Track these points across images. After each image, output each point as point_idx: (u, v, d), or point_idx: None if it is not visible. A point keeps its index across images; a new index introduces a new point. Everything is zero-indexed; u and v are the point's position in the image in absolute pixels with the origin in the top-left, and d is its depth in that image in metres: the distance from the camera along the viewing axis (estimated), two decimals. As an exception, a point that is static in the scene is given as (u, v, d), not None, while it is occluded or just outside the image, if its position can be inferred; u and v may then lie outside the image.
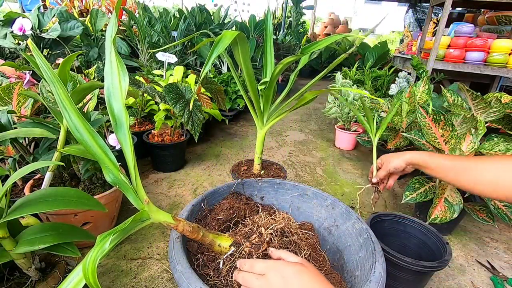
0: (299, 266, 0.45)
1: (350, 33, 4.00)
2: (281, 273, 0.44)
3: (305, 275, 0.43)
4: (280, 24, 4.48)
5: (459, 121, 1.10)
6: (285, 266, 0.45)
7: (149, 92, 1.28)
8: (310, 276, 0.43)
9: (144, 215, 0.37)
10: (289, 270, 0.44)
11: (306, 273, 0.43)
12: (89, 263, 0.32)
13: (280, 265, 0.45)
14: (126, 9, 2.41)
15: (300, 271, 0.44)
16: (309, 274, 0.44)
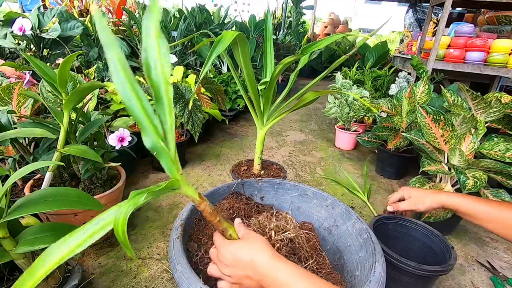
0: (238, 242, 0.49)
1: (350, 33, 4.00)
2: (223, 254, 0.48)
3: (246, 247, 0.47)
4: (280, 24, 4.47)
5: (459, 121, 1.10)
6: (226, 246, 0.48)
7: (149, 92, 1.27)
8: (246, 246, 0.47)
9: (176, 184, 0.38)
10: (231, 248, 0.48)
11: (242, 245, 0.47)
12: (121, 213, 0.33)
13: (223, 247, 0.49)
14: (126, 9, 2.41)
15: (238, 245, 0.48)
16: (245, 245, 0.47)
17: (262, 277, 0.44)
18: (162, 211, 1.20)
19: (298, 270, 0.43)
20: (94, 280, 0.86)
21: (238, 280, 0.47)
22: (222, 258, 0.48)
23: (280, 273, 0.43)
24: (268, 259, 0.45)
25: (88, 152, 0.78)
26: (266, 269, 0.44)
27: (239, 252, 0.46)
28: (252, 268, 0.45)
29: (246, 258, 0.46)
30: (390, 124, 1.58)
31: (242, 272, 0.46)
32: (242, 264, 0.46)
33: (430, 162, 1.16)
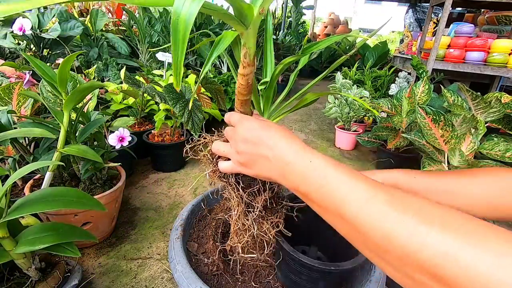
0: (267, 121, 0.41)
1: (350, 33, 4.00)
2: (247, 125, 0.40)
3: (273, 128, 0.39)
4: (280, 24, 4.47)
5: (459, 121, 1.10)
6: (251, 119, 0.41)
7: (149, 92, 1.28)
8: (279, 130, 0.39)
9: (249, 18, 0.33)
10: (256, 124, 0.40)
11: (274, 127, 0.40)
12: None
13: (247, 120, 0.41)
14: (126, 9, 2.41)
15: (268, 125, 0.40)
16: (277, 127, 0.40)
17: (287, 164, 0.36)
18: (162, 211, 1.20)
19: (333, 160, 0.36)
20: (94, 280, 0.86)
21: (250, 159, 0.40)
22: (242, 131, 0.40)
23: (315, 158, 0.36)
24: (300, 146, 0.37)
25: (88, 152, 0.78)
26: (297, 154, 0.36)
27: (267, 131, 0.39)
28: (278, 152, 0.37)
29: (273, 140, 0.38)
30: (390, 124, 1.58)
31: (261, 151, 0.38)
32: (267, 144, 0.38)
33: (431, 162, 1.16)
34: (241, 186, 0.46)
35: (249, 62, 0.39)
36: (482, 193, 0.47)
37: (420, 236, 0.24)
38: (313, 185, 0.34)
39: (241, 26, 0.33)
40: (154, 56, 2.31)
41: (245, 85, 0.41)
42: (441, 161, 1.14)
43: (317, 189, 0.34)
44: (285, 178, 0.37)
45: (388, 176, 0.58)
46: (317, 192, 0.34)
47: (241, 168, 0.41)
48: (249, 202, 0.46)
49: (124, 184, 1.02)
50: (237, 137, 0.41)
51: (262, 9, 0.33)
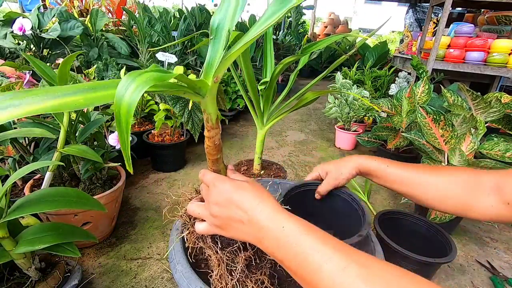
0: (241, 182, 0.41)
1: (350, 33, 4.00)
2: (219, 189, 0.40)
3: (246, 190, 0.39)
4: (280, 24, 4.47)
5: (459, 121, 1.10)
6: (224, 181, 0.40)
7: (149, 93, 1.28)
8: (252, 191, 0.39)
9: (204, 89, 0.34)
10: (228, 186, 0.40)
11: (248, 188, 0.39)
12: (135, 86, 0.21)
13: (219, 181, 0.41)
14: (126, 9, 2.41)
15: (241, 186, 0.39)
16: (249, 187, 0.39)
17: (261, 229, 0.36)
18: (162, 211, 1.20)
19: (307, 224, 0.35)
20: (94, 280, 0.86)
21: (224, 222, 0.40)
22: (215, 194, 0.40)
23: (288, 224, 0.35)
24: (275, 209, 0.37)
25: (88, 152, 0.78)
26: (271, 219, 0.36)
27: (240, 193, 0.38)
28: (252, 215, 0.37)
29: (247, 202, 0.37)
30: (390, 124, 1.58)
31: (235, 214, 0.38)
32: (240, 207, 0.38)
33: (430, 162, 1.16)
34: (219, 247, 0.44)
35: (212, 126, 0.39)
36: (450, 188, 0.51)
37: None
38: (288, 253, 0.34)
39: (197, 97, 0.34)
40: (154, 56, 2.31)
41: (212, 146, 0.41)
42: (441, 160, 1.14)
43: (292, 257, 0.33)
44: (260, 243, 0.37)
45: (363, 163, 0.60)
46: (291, 260, 0.33)
47: (217, 230, 0.41)
48: (229, 262, 0.44)
49: (124, 184, 1.02)
50: (210, 199, 0.40)
51: (216, 78, 0.34)
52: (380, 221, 0.91)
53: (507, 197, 0.46)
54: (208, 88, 0.34)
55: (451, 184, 0.51)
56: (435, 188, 0.52)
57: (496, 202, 0.47)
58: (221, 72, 0.34)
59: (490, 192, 0.48)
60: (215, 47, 0.35)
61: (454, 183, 0.51)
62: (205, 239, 0.46)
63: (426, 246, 0.92)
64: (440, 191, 0.52)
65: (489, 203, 0.48)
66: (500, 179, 0.48)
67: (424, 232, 0.94)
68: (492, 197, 0.48)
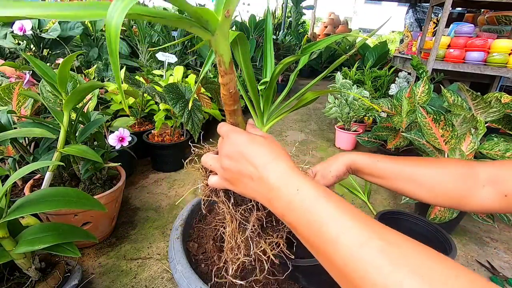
0: (257, 136, 0.38)
1: (350, 33, 4.00)
2: (232, 141, 0.38)
3: (260, 144, 0.37)
4: (280, 24, 4.47)
5: (459, 121, 1.10)
6: (239, 133, 0.38)
7: (149, 92, 1.28)
8: (266, 146, 0.36)
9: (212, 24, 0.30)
10: (242, 138, 0.37)
11: (262, 143, 0.37)
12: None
13: (234, 133, 0.38)
14: (126, 9, 2.41)
15: (255, 140, 0.37)
16: (265, 142, 0.37)
17: (272, 188, 0.33)
18: (162, 211, 1.20)
19: (325, 190, 0.32)
20: (94, 280, 0.86)
21: (234, 176, 0.37)
22: (227, 146, 0.38)
23: (304, 186, 0.32)
24: (290, 169, 0.34)
25: (88, 152, 0.78)
26: (284, 179, 0.33)
27: (254, 148, 0.36)
28: (263, 172, 0.34)
29: (260, 158, 0.35)
30: (390, 124, 1.58)
31: (246, 169, 0.35)
32: (252, 162, 0.35)
33: (430, 162, 1.16)
34: (232, 203, 0.43)
35: (225, 70, 0.35)
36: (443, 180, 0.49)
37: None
38: (300, 219, 0.31)
39: (205, 33, 0.30)
40: (154, 56, 2.31)
41: (227, 94, 0.38)
42: (441, 161, 1.14)
43: (305, 224, 0.30)
44: (270, 204, 0.34)
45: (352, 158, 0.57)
46: (304, 227, 0.30)
47: (227, 184, 0.39)
48: (242, 220, 0.43)
49: (124, 184, 1.02)
50: (222, 151, 0.39)
51: (227, 12, 0.30)
52: (380, 221, 0.91)
53: (504, 189, 0.44)
54: (218, 23, 0.30)
55: (443, 176, 0.49)
56: (426, 181, 0.50)
57: (493, 194, 0.46)
58: (233, 4, 0.30)
59: (485, 184, 0.46)
60: None
61: (446, 175, 0.49)
62: (218, 193, 0.44)
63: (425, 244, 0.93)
64: (431, 185, 0.50)
65: (485, 195, 0.46)
66: (496, 171, 0.46)
67: (424, 232, 0.94)
68: (488, 189, 0.46)
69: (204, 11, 0.27)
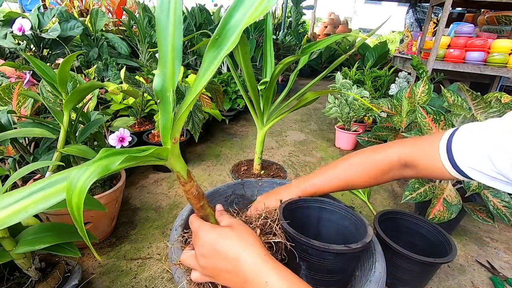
0: (224, 229, 0.41)
1: (350, 33, 4.00)
2: (202, 240, 0.40)
3: (231, 238, 0.39)
4: (280, 24, 4.47)
5: (459, 121, 1.10)
6: (207, 231, 0.41)
7: (149, 92, 1.28)
8: (237, 239, 0.39)
9: (164, 154, 0.34)
10: (212, 235, 0.40)
11: (233, 236, 0.40)
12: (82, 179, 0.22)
13: (203, 231, 0.41)
14: (126, 9, 2.41)
15: (225, 234, 0.40)
16: (233, 234, 0.40)
17: (246, 279, 0.36)
18: (162, 211, 1.20)
19: (293, 278, 0.35)
20: (94, 280, 0.86)
21: (212, 273, 0.40)
22: (200, 245, 0.40)
23: (272, 278, 0.35)
24: (259, 259, 0.37)
25: (88, 152, 0.78)
26: (254, 271, 0.36)
27: (223, 243, 0.38)
28: (236, 265, 0.37)
29: (231, 251, 0.37)
30: (390, 124, 1.58)
31: (220, 265, 0.38)
32: (224, 257, 0.38)
33: (430, 162, 1.16)
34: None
35: (184, 181, 0.41)
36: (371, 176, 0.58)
37: None
38: None
39: (162, 161, 0.36)
40: (154, 56, 2.31)
41: (191, 197, 0.42)
42: (441, 161, 1.14)
43: None
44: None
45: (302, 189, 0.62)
46: None
47: (209, 279, 0.42)
48: None
49: (124, 184, 1.02)
50: (197, 250, 0.41)
51: (174, 139, 0.36)
52: (380, 221, 0.91)
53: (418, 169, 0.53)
54: (168, 151, 0.36)
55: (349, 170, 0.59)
56: (338, 179, 0.60)
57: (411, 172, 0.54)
58: (177, 132, 0.36)
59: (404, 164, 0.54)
60: (165, 111, 0.35)
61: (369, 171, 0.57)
62: (205, 285, 0.46)
63: (426, 246, 0.92)
64: (344, 179, 0.59)
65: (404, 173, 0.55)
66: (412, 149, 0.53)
67: (424, 232, 0.94)
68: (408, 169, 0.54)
69: (157, 150, 0.33)
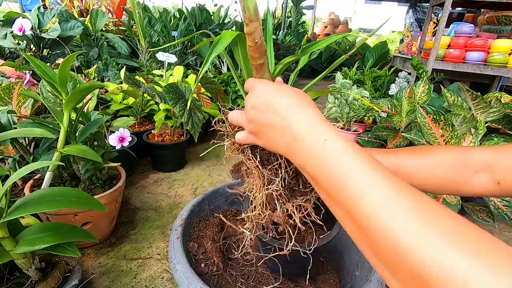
0: (286, 88, 0.36)
1: (350, 33, 3.99)
2: (258, 92, 0.36)
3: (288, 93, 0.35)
4: (280, 24, 4.47)
5: (459, 121, 1.10)
6: (267, 84, 0.37)
7: (149, 92, 1.28)
8: (294, 96, 0.34)
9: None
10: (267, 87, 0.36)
11: (290, 92, 0.35)
12: None
13: (261, 83, 0.37)
14: (126, 9, 2.41)
15: (283, 89, 0.35)
16: (293, 93, 0.35)
17: (296, 139, 0.31)
18: (162, 211, 1.20)
19: (354, 143, 0.30)
20: (94, 280, 0.86)
21: (258, 128, 0.36)
22: (253, 97, 0.36)
23: (331, 138, 0.30)
24: (318, 118, 0.32)
25: (88, 152, 0.78)
26: (309, 129, 0.31)
27: (279, 98, 0.34)
28: (287, 122, 0.32)
29: (286, 108, 0.33)
30: (390, 124, 1.58)
31: (269, 120, 0.34)
32: (276, 111, 0.33)
33: (430, 162, 1.16)
34: (258, 161, 0.41)
35: (250, 17, 0.31)
36: (434, 170, 0.48)
37: (448, 263, 0.19)
38: (323, 169, 0.29)
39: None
40: (154, 56, 2.31)
41: (253, 46, 0.34)
42: (441, 161, 1.14)
43: (328, 175, 0.28)
44: (292, 154, 0.33)
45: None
46: (327, 178, 0.28)
47: (253, 138, 0.38)
48: (269, 177, 0.42)
49: (124, 184, 1.02)
50: (248, 103, 0.37)
51: None
52: None
53: (497, 176, 0.43)
54: None
55: (435, 167, 0.48)
56: (418, 173, 0.49)
57: (486, 181, 0.44)
58: None
59: (479, 170, 0.45)
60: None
61: (438, 166, 0.48)
62: (245, 150, 0.43)
63: None
64: (423, 176, 0.48)
65: (478, 182, 0.45)
66: (490, 157, 0.45)
67: None
68: (482, 175, 0.45)
69: None
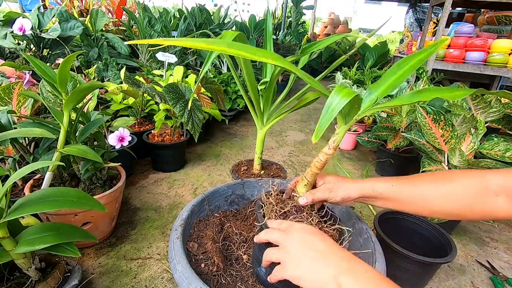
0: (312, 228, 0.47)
1: (350, 33, 3.99)
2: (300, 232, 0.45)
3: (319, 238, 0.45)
4: (280, 24, 4.47)
5: (459, 121, 1.10)
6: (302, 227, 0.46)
7: (149, 92, 1.28)
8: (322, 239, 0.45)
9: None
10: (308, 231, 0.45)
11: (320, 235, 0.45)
12: None
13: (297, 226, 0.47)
14: (126, 9, 2.41)
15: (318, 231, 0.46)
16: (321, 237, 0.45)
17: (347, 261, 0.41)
18: (162, 211, 1.20)
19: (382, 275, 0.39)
20: (94, 280, 0.86)
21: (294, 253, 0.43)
22: (291, 229, 0.46)
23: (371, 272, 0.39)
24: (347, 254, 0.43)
25: (88, 152, 0.78)
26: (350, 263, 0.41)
27: (321, 239, 0.44)
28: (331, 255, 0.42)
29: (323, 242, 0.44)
30: (390, 124, 1.58)
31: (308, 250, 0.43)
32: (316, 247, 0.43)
33: (430, 162, 1.16)
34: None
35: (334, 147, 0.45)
36: (455, 197, 0.49)
37: None
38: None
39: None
40: (154, 56, 2.31)
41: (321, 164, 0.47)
42: (441, 161, 1.14)
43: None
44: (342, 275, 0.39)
45: (371, 186, 0.56)
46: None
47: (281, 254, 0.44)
48: None
49: (124, 184, 1.02)
50: (285, 230, 0.46)
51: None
52: (380, 221, 0.91)
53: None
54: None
55: (454, 195, 0.50)
56: (436, 200, 0.51)
57: (507, 203, 0.46)
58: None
59: (498, 194, 0.47)
60: None
61: (457, 193, 0.50)
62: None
63: (426, 246, 0.92)
64: (442, 203, 0.51)
65: (498, 205, 0.46)
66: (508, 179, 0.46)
67: (424, 232, 0.94)
68: (502, 198, 0.46)
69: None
